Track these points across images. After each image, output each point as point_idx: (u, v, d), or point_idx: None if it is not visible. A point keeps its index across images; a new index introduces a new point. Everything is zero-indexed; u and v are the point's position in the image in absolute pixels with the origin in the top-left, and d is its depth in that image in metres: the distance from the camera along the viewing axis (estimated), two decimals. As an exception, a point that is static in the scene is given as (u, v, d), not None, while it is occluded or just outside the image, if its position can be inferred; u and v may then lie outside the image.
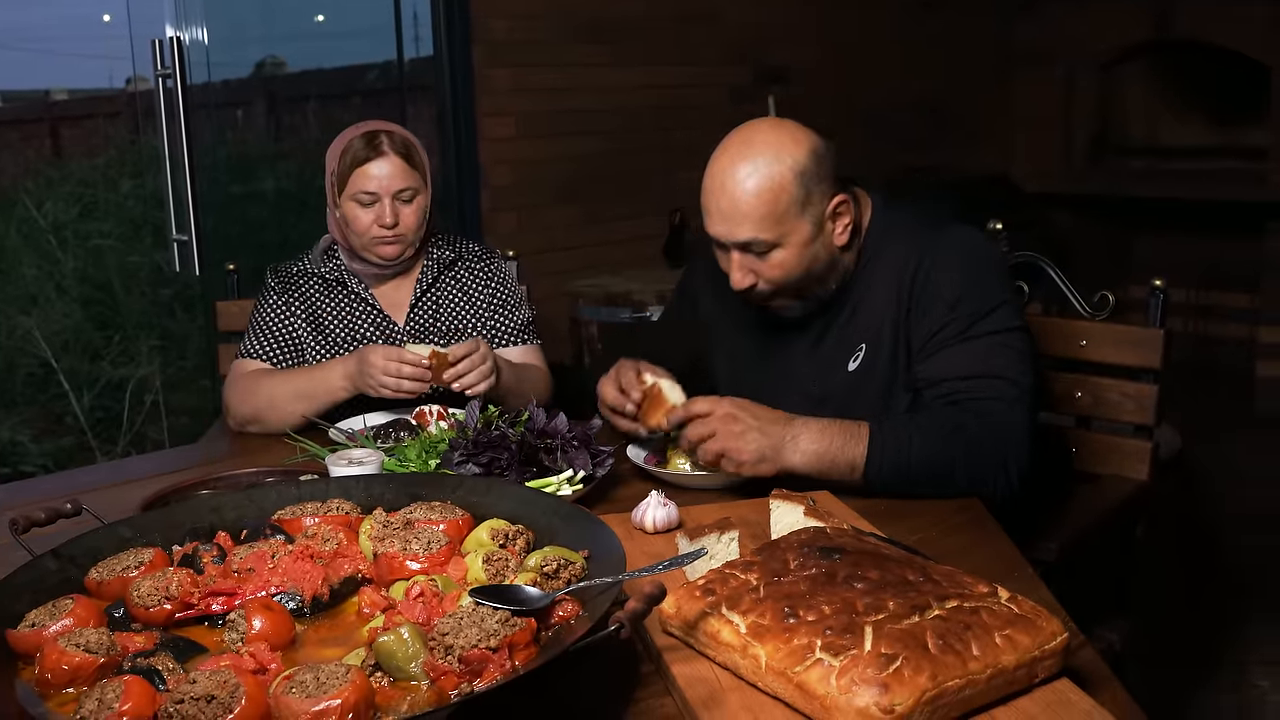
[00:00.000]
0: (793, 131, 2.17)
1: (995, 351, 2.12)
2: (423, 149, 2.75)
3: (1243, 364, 6.47)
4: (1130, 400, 2.63)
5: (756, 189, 2.11)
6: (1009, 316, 2.15)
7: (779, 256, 2.16)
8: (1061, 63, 7.34)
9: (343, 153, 2.67)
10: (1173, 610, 3.86)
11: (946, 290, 2.15)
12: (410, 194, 2.68)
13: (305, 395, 2.58)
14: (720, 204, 2.16)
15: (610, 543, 1.47)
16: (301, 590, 1.45)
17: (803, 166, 2.12)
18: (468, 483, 1.76)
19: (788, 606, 1.35)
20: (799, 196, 2.12)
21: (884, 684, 1.22)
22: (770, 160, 2.12)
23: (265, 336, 2.74)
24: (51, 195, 5.12)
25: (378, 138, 2.66)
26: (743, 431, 1.99)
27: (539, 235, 5.01)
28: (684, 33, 5.52)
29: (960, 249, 2.21)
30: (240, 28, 4.82)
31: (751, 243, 2.15)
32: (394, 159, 2.65)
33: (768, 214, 2.12)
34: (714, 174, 2.17)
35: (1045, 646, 1.32)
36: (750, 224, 2.13)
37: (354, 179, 2.65)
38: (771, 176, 2.11)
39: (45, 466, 4.66)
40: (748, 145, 2.15)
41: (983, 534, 1.89)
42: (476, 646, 1.24)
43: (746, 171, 2.12)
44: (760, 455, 1.99)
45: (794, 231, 2.14)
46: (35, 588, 1.46)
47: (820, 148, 2.16)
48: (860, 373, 2.25)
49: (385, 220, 2.65)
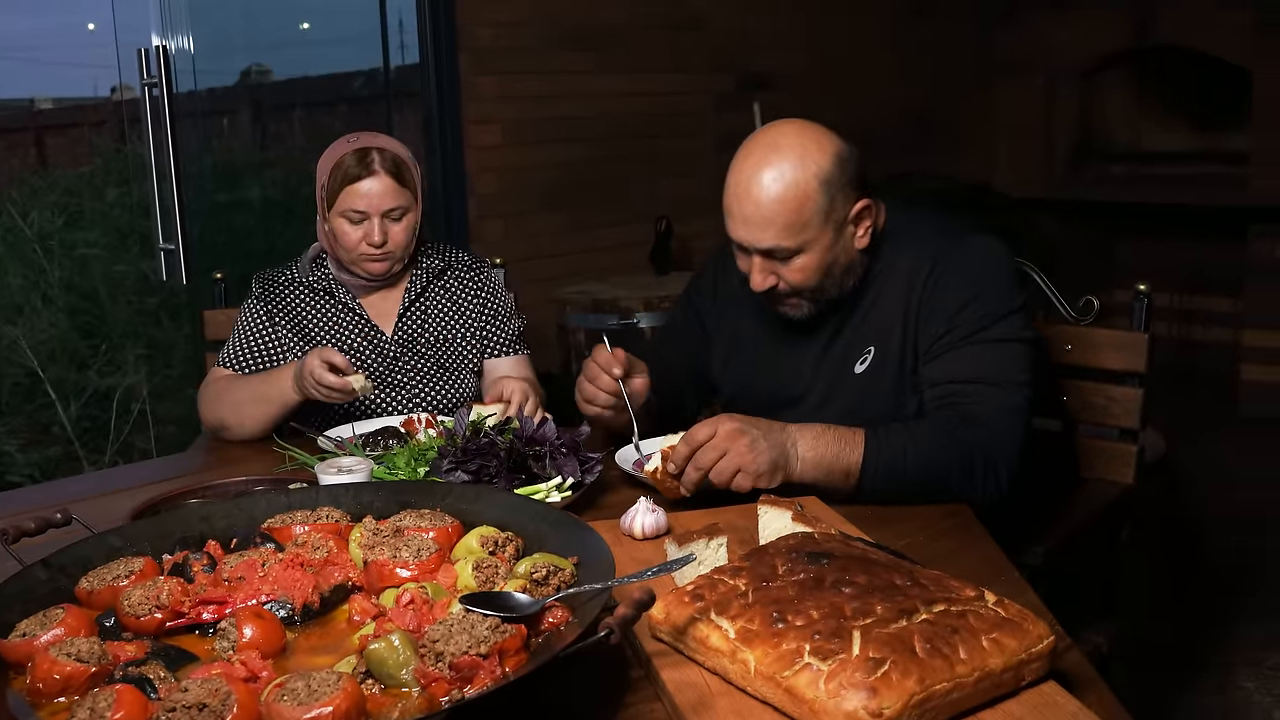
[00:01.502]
0: (817, 136, 2.15)
1: (999, 357, 2.13)
2: (415, 164, 2.75)
3: (1226, 367, 6.51)
4: (1115, 404, 2.65)
5: (781, 196, 2.10)
6: (1017, 325, 2.17)
7: (801, 261, 2.16)
8: (1043, 70, 7.37)
9: (333, 168, 2.67)
10: (1158, 612, 3.88)
11: (956, 294, 2.16)
12: (400, 212, 2.68)
13: (262, 399, 2.60)
14: (744, 209, 2.14)
15: (599, 549, 1.47)
16: (292, 598, 1.46)
17: (828, 173, 2.12)
18: (456, 490, 1.77)
19: (776, 611, 1.36)
20: (823, 205, 2.12)
21: (872, 688, 1.23)
22: (795, 166, 2.10)
23: (240, 345, 2.76)
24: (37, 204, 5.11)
25: (369, 155, 2.65)
26: (752, 443, 1.96)
27: (525, 242, 5.02)
28: (669, 40, 5.55)
29: (974, 256, 2.22)
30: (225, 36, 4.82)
31: (775, 249, 2.15)
32: (384, 178, 2.65)
33: (792, 221, 2.11)
34: (738, 178, 2.15)
35: (1032, 649, 1.33)
36: (774, 231, 2.13)
37: (344, 196, 2.65)
38: (797, 184, 2.10)
39: (32, 476, 4.64)
40: (773, 150, 2.13)
41: (970, 538, 1.90)
42: (467, 653, 1.24)
43: (771, 177, 2.11)
44: (774, 464, 1.97)
45: (817, 238, 2.14)
46: (26, 597, 1.46)
47: (845, 152, 2.16)
48: (867, 375, 2.25)
49: (374, 239, 2.66)
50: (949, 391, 2.13)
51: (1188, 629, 3.89)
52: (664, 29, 5.51)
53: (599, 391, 2.30)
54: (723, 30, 5.75)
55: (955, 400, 2.11)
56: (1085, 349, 2.69)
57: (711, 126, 5.71)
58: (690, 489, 2.00)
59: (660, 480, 2.02)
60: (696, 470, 1.97)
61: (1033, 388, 2.15)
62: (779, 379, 2.36)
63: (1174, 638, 3.83)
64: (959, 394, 2.11)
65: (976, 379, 2.11)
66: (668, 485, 2.02)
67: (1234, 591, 4.16)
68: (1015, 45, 7.34)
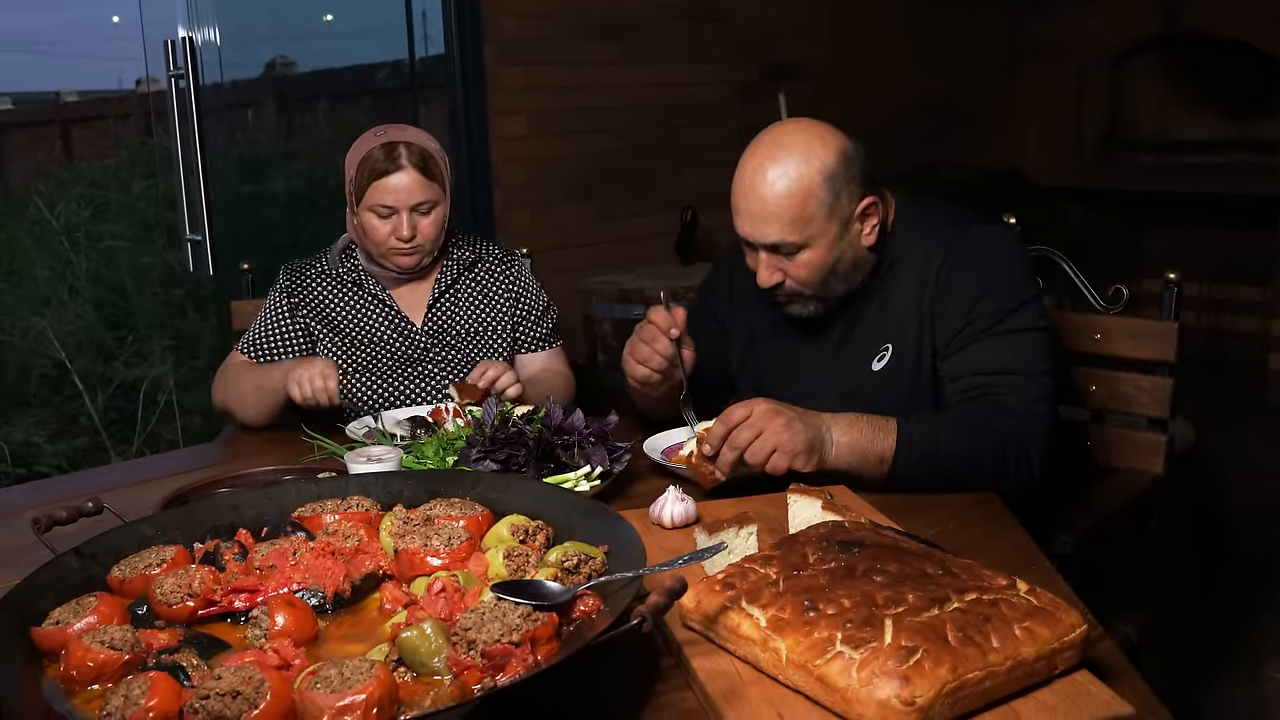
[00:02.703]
0: (822, 133, 2.17)
1: (1020, 348, 2.13)
2: (442, 156, 2.75)
3: (1254, 357, 6.47)
4: (1145, 394, 2.63)
5: (786, 191, 2.12)
6: (1033, 314, 2.17)
7: (806, 257, 2.18)
8: (1072, 57, 7.32)
9: (360, 163, 2.67)
10: (1187, 602, 3.85)
11: (971, 286, 2.16)
12: (428, 206, 2.69)
13: (260, 388, 2.65)
14: (750, 205, 2.17)
15: (630, 538, 1.47)
16: (323, 587, 1.46)
17: (831, 169, 2.13)
18: (486, 479, 1.77)
19: (807, 600, 1.36)
20: (827, 200, 2.13)
21: (905, 676, 1.22)
22: (799, 162, 2.13)
23: (258, 334, 2.79)
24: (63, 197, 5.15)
25: (396, 150, 2.65)
26: (788, 423, 1.95)
27: (551, 233, 5.01)
28: (693, 31, 5.53)
29: (985, 247, 2.22)
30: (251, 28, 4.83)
31: (780, 244, 2.17)
32: (412, 172, 2.65)
33: (796, 216, 2.13)
34: (743, 175, 2.18)
35: (1064, 638, 1.32)
36: (779, 225, 2.14)
37: (371, 191, 2.66)
38: (801, 179, 2.12)
39: (59, 467, 4.67)
40: (777, 147, 2.16)
41: (999, 527, 1.89)
42: (499, 641, 1.24)
43: (776, 174, 2.13)
44: (810, 444, 1.96)
45: (822, 234, 2.16)
46: (58, 586, 1.47)
47: (849, 149, 2.17)
48: (886, 373, 2.25)
49: (402, 233, 2.66)
50: (975, 384, 2.12)
51: (1217, 619, 3.86)
52: (687, 20, 5.49)
53: (654, 354, 2.28)
54: (745, 20, 5.72)
55: (986, 391, 2.10)
56: (1115, 338, 2.67)
57: (736, 117, 5.69)
58: (726, 471, 1.99)
59: (695, 465, 2.01)
60: (732, 450, 1.96)
61: (1055, 375, 2.15)
62: (795, 378, 2.35)
63: (1203, 628, 3.81)
64: (987, 385, 2.11)
65: (1002, 370, 2.11)
66: (703, 470, 2.01)
67: (1263, 581, 4.13)
68: (1045, 32, 7.30)
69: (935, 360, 2.21)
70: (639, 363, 2.31)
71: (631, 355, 2.33)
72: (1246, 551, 4.40)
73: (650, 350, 2.29)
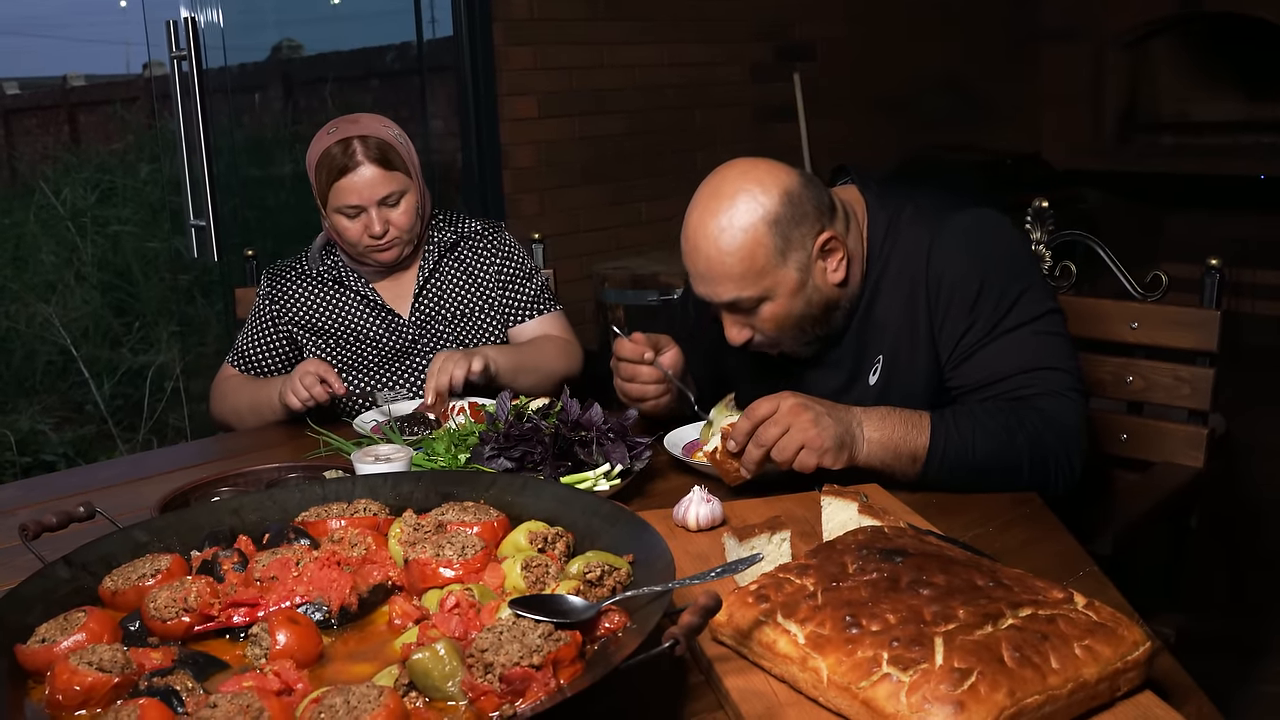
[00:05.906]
0: (761, 177, 2.01)
1: (1035, 342, 2.01)
2: (401, 141, 2.65)
3: (1273, 341, 6.36)
4: (1185, 384, 2.53)
5: (730, 246, 1.98)
6: (1036, 301, 2.03)
7: (768, 310, 2.04)
8: (1090, 39, 7.23)
9: (318, 165, 2.59)
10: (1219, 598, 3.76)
11: (964, 284, 2.02)
12: (395, 197, 2.60)
13: (256, 406, 2.62)
14: (697, 266, 2.04)
15: (657, 546, 1.37)
16: (328, 600, 1.36)
17: (775, 214, 1.98)
18: (501, 480, 1.67)
19: (849, 615, 1.26)
20: (777, 246, 1.99)
21: (959, 701, 1.13)
22: (741, 212, 1.98)
23: (245, 345, 2.75)
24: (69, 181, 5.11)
25: (350, 146, 2.56)
26: (816, 418, 1.85)
27: (562, 217, 4.93)
28: (705, 9, 5.44)
29: (964, 239, 2.07)
30: (256, 10, 4.76)
31: (736, 301, 2.03)
32: (370, 167, 2.56)
33: (747, 271, 1.99)
34: (687, 233, 2.05)
35: (1128, 657, 1.22)
36: (731, 283, 2.01)
37: (334, 193, 2.58)
38: (744, 230, 1.97)
39: (66, 455, 4.64)
40: (715, 198, 2.01)
41: (1041, 529, 1.79)
42: (518, 664, 1.14)
43: (718, 229, 1.98)
44: (839, 441, 1.85)
45: (779, 283, 2.01)
46: (46, 598, 1.38)
47: (795, 187, 2.01)
48: (881, 385, 2.13)
49: (374, 230, 2.59)
50: (1002, 389, 1.99)
51: (1250, 615, 3.77)
52: (700, -1, 5.40)
53: (645, 386, 2.20)
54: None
55: (1012, 394, 1.98)
56: (1152, 326, 2.56)
57: (750, 97, 5.60)
58: (752, 469, 1.88)
59: (720, 462, 1.91)
60: (758, 447, 1.85)
61: (1075, 358, 2.04)
62: None
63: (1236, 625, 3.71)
64: (1012, 389, 1.98)
65: (1023, 369, 1.99)
66: (727, 468, 1.91)
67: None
68: (1063, 13, 7.20)
69: (938, 367, 2.08)
70: (636, 400, 2.23)
71: (625, 397, 2.24)
72: (1277, 541, 4.30)
73: (639, 386, 2.20)
